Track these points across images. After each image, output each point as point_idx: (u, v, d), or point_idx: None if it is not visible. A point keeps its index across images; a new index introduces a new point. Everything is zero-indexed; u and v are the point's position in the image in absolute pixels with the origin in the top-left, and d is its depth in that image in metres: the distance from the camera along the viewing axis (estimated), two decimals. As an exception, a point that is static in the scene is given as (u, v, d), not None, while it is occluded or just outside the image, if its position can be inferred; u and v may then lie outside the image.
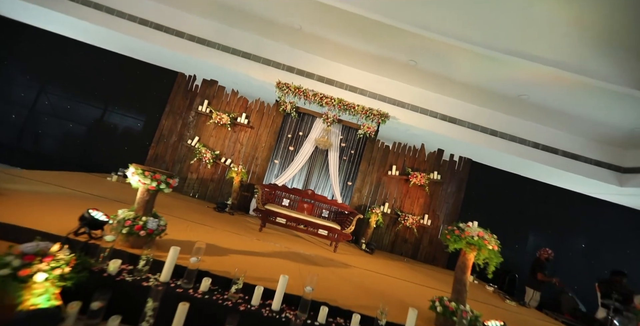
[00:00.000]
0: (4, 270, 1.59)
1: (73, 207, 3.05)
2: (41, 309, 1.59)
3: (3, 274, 1.58)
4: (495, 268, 2.64)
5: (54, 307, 1.64)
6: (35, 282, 1.65)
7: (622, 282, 4.57)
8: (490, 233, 2.73)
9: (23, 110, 5.93)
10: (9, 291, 1.58)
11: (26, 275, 1.63)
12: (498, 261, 2.62)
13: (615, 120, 5.74)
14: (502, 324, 2.50)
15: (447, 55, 5.37)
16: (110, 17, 5.99)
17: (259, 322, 2.11)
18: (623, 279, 4.59)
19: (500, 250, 2.68)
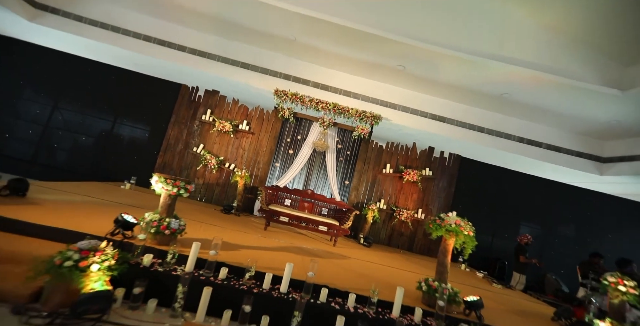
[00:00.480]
0: (68, 262, 2.01)
1: (101, 212, 3.47)
2: (98, 291, 2.01)
3: (68, 265, 2.00)
4: (471, 250, 3.05)
5: (107, 291, 2.06)
6: (91, 271, 2.08)
7: (600, 263, 4.99)
8: (466, 221, 3.13)
9: (39, 126, 6.35)
10: (74, 279, 2.00)
11: (84, 266, 2.05)
12: (473, 245, 3.03)
13: (591, 114, 6.14)
14: (478, 298, 2.92)
15: (432, 60, 5.77)
16: (116, 35, 6.41)
17: (270, 302, 2.52)
18: (600, 260, 5.01)
19: (475, 235, 3.09)
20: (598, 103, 5.69)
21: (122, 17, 6.39)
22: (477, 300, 2.89)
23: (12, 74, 6.33)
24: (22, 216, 2.69)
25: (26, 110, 6.31)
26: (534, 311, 3.81)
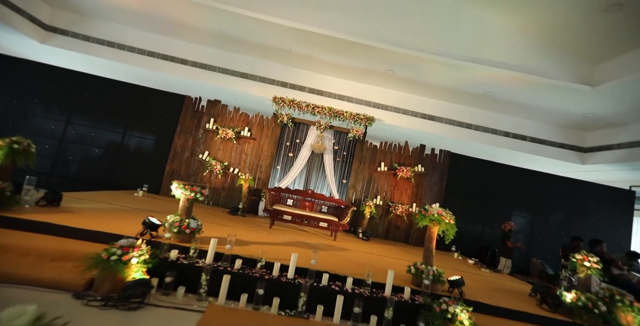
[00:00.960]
0: (113, 257, 2.46)
1: (125, 216, 3.92)
2: (140, 279, 2.47)
3: (114, 259, 2.45)
4: (452, 236, 3.50)
5: (146, 279, 2.51)
6: (131, 264, 2.53)
7: (580, 245, 5.43)
8: (447, 211, 3.58)
9: (55, 141, 6.80)
10: (119, 270, 2.45)
11: (126, 259, 2.51)
12: (453, 231, 3.48)
13: (568, 108, 6.58)
14: (459, 277, 3.36)
15: (418, 65, 6.20)
16: (121, 52, 6.86)
17: (279, 287, 2.97)
18: (580, 243, 5.45)
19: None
20: (572, 98, 6.13)
21: (127, 35, 6.84)
22: (459, 279, 3.34)
23: (26, 93, 6.78)
24: (64, 222, 3.14)
25: (42, 126, 6.76)
26: (515, 290, 4.25)
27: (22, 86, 6.76)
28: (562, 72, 5.79)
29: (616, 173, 7.58)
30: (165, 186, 7.04)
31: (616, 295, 3.37)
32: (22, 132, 6.72)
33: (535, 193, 7.43)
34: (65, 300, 2.31)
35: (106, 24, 6.76)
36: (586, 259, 3.65)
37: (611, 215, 7.23)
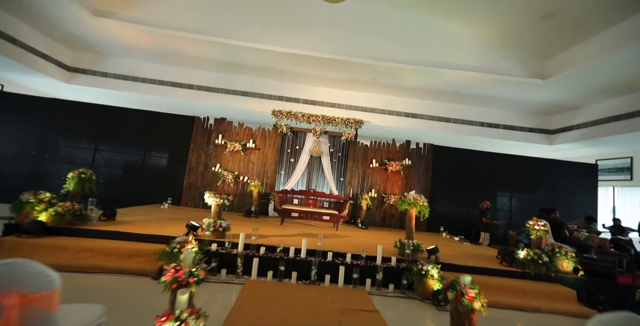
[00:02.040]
0: (175, 250, 3.43)
1: (166, 223, 4.90)
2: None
3: (175, 251, 3.42)
4: (427, 214, 4.46)
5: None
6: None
7: (547, 216, 6.36)
8: (422, 195, 4.53)
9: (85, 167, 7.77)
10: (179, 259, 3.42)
11: (184, 251, 3.47)
12: (427, 211, 4.43)
13: (529, 98, 7.50)
14: (434, 246, 4.32)
15: (396, 73, 7.08)
16: (136, 84, 7.84)
17: (295, 264, 3.93)
18: (546, 214, 6.38)
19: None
20: (530, 90, 7.05)
21: (139, 68, 7.80)
22: (434, 247, 4.29)
23: (57, 128, 7.75)
24: (125, 230, 4.12)
25: (74, 155, 7.74)
26: (486, 255, 5.19)
27: (52, 122, 7.74)
28: (517, 69, 6.71)
29: (581, 150, 8.51)
30: (185, 198, 8.02)
31: (556, 248, 4.32)
32: (56, 162, 7.73)
33: (512, 174, 8.37)
34: (148, 281, 3.30)
35: (121, 60, 7.72)
36: (536, 223, 4.61)
37: (579, 188, 8.16)
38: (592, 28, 5.52)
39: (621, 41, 5.18)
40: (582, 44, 5.94)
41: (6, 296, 1.21)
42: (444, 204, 8.18)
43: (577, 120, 7.78)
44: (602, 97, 6.96)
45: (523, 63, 6.69)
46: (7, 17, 5.89)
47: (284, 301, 3.13)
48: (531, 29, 5.94)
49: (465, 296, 1.95)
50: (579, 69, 5.95)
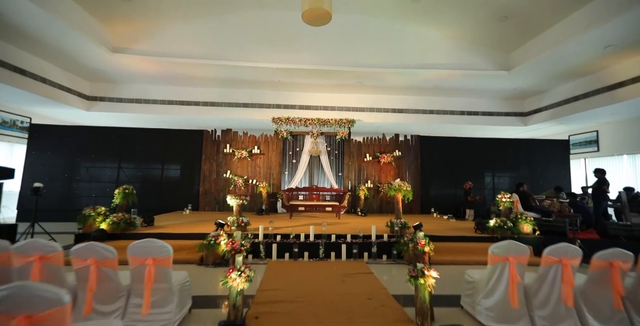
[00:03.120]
0: (211, 242, 4.40)
1: (195, 224, 5.86)
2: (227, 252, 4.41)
3: (211, 243, 4.39)
4: (411, 197, 5.38)
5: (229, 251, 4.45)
6: (221, 245, 4.46)
7: (516, 190, 7.25)
8: (406, 182, 5.45)
9: (112, 184, 8.76)
10: (216, 248, 4.39)
11: (218, 242, 4.44)
12: (410, 194, 5.36)
13: (502, 86, 8.29)
14: (418, 223, 5.24)
15: (379, 76, 7.89)
16: (148, 106, 8.75)
17: (306, 246, 4.88)
18: (516, 188, 7.26)
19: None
20: (499, 80, 7.86)
21: (149, 91, 8.71)
22: (418, 224, 5.21)
23: (83, 151, 8.73)
24: (167, 231, 5.09)
25: (100, 174, 8.73)
26: (467, 227, 6.11)
27: (78, 147, 8.73)
28: (485, 63, 7.53)
29: (553, 128, 9.36)
30: (202, 203, 8.99)
31: (519, 215, 5.24)
32: (86, 181, 8.72)
33: (493, 156, 9.25)
34: (194, 267, 4.28)
35: (133, 85, 8.63)
36: (503, 196, 5.53)
37: (553, 162, 9.04)
38: (545, 23, 6.31)
39: (570, 32, 5.95)
40: (537, 37, 6.74)
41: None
42: (433, 188, 9.09)
43: (545, 102, 8.62)
44: (562, 81, 7.80)
45: (489, 58, 7.51)
46: (37, 59, 6.82)
47: (299, 273, 4.09)
48: (493, 29, 6.74)
49: (419, 244, 2.88)
50: (538, 59, 6.75)
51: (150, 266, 2.19)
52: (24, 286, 1.22)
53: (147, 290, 2.18)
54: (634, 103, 6.72)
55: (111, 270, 2.22)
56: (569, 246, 2.41)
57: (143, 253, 2.25)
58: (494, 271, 2.53)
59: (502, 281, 2.47)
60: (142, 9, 6.04)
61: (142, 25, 6.59)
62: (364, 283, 3.65)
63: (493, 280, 2.51)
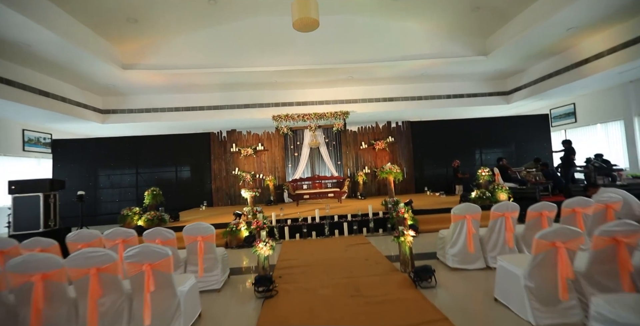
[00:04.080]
0: (233, 228, 5.22)
1: (216, 216, 6.68)
2: (247, 235, 5.23)
3: (233, 229, 5.22)
4: (400, 179, 6.14)
5: (250, 235, 5.28)
6: (242, 230, 5.29)
7: (497, 163, 7.97)
8: (395, 165, 6.21)
9: (132, 188, 9.61)
10: (237, 233, 5.22)
11: (238, 229, 5.27)
12: (400, 176, 6.12)
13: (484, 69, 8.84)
14: (409, 200, 6.03)
15: (368, 69, 8.48)
16: (157, 114, 9.49)
17: (313, 226, 5.70)
18: (496, 162, 7.97)
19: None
20: (479, 64, 8.43)
21: (157, 100, 9.43)
22: (409, 201, 6.00)
23: (103, 160, 9.54)
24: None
25: (121, 181, 9.57)
26: (455, 201, 6.88)
27: (98, 157, 9.53)
28: (464, 50, 8.10)
29: (534, 104, 10.00)
30: (215, 199, 9.81)
31: (497, 186, 6.00)
32: (108, 188, 9.56)
33: (479, 135, 9.94)
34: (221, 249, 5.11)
35: (142, 96, 9.35)
36: (483, 171, 6.28)
37: (535, 136, 9.72)
38: (513, 11, 6.86)
39: (535, 18, 6.49)
40: (508, 23, 7.29)
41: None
42: (426, 169, 9.85)
43: (524, 80, 9.24)
44: (536, 60, 8.39)
45: (468, 45, 8.09)
46: (57, 81, 7.56)
47: (309, 248, 4.92)
48: (468, 19, 7.29)
49: (400, 212, 3.67)
50: (511, 43, 7.33)
51: (201, 242, 3.00)
52: (147, 246, 2.02)
53: (200, 259, 3.00)
54: (600, 77, 7.35)
55: (172, 248, 3.03)
56: (509, 203, 3.19)
57: (194, 232, 3.06)
58: (456, 227, 3.31)
59: (462, 233, 3.25)
60: (147, 27, 6.70)
61: (148, 42, 7.26)
62: (362, 250, 4.47)
63: (456, 234, 3.30)
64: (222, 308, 2.83)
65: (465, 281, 3.02)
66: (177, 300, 2.16)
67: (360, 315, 2.42)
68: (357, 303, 2.64)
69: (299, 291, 3.03)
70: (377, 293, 2.82)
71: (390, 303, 2.58)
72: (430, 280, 2.90)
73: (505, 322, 2.21)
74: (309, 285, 3.18)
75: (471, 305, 2.55)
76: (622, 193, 3.22)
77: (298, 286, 3.15)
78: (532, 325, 2.07)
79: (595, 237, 1.99)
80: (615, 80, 7.69)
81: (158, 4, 5.99)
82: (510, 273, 2.29)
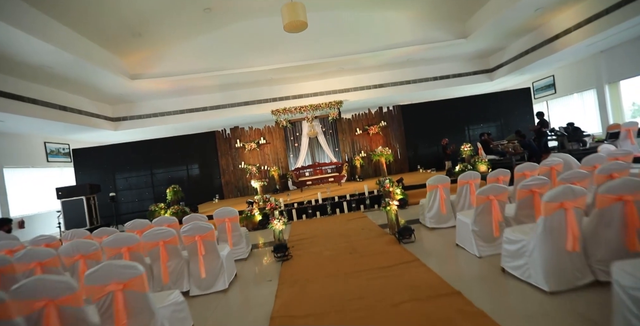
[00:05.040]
0: (249, 214, 6.04)
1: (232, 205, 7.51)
2: (261, 219, 6.05)
3: (249, 215, 6.03)
4: (391, 160, 6.87)
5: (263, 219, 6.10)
6: (255, 215, 6.11)
7: (479, 138, 8.64)
8: (386, 148, 6.92)
9: (149, 188, 10.44)
10: (252, 218, 6.04)
11: (252, 214, 6.08)
12: (390, 157, 6.87)
13: (464, 50, 9.41)
14: (400, 178, 6.77)
15: (356, 60, 9.06)
16: (163, 117, 10.19)
17: (317, 207, 6.50)
18: (479, 137, 8.64)
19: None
20: (460, 46, 8.92)
21: (163, 105, 10.10)
22: (399, 178, 6.74)
23: (120, 165, 10.34)
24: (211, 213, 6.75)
25: (138, 182, 10.39)
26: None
27: (114, 162, 10.33)
28: (445, 34, 8.59)
29: (517, 78, 10.54)
30: (226, 192, 10.63)
31: (477, 159, 6.72)
32: (127, 189, 10.40)
33: (467, 112, 10.56)
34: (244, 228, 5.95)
35: (148, 102, 10.02)
36: (465, 147, 6.99)
37: (518, 109, 10.33)
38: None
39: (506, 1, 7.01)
40: (483, 7, 7.70)
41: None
42: (419, 148, 10.55)
43: (505, 57, 9.75)
44: (514, 39, 8.89)
45: (448, 29, 8.57)
46: (73, 96, 8.27)
47: (315, 225, 5.73)
48: (446, 4, 7.70)
49: (385, 187, 4.43)
50: (487, 25, 7.80)
51: (228, 222, 3.80)
52: (196, 223, 2.79)
53: (229, 235, 3.80)
54: (571, 50, 7.88)
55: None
56: (471, 173, 3.93)
57: (223, 215, 3.86)
58: (431, 195, 4.07)
59: (436, 200, 4.01)
60: (150, 39, 7.31)
61: (152, 52, 7.89)
62: (359, 223, 5.27)
63: (431, 200, 4.07)
64: (251, 270, 3.66)
65: (438, 236, 3.81)
66: (221, 261, 2.97)
67: (355, 264, 3.21)
68: (353, 257, 3.44)
69: (308, 254, 3.84)
70: (368, 249, 3.62)
71: (378, 254, 3.38)
72: (410, 237, 3.69)
73: (460, 258, 3.00)
74: (315, 249, 3.99)
75: (439, 250, 3.35)
76: (564, 156, 3.94)
77: (307, 251, 3.97)
78: (477, 256, 2.86)
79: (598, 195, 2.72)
80: (587, 51, 8.22)
81: (159, 17, 6.59)
82: (464, 223, 3.06)
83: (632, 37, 7.42)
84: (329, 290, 2.64)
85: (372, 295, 2.41)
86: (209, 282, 2.92)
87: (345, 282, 2.75)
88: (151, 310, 1.77)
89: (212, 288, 2.93)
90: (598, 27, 6.78)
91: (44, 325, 1.54)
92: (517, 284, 2.26)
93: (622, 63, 7.92)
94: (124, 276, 1.68)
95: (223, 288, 2.96)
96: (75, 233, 3.73)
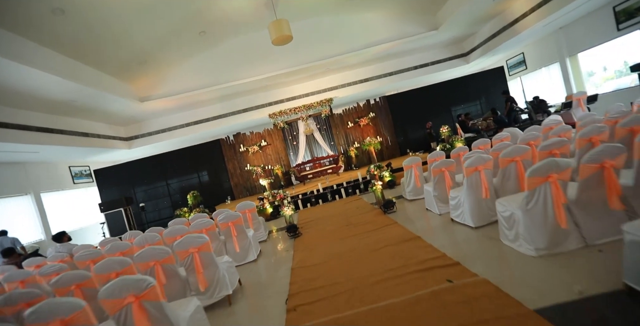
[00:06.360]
0: (261, 207, 7.01)
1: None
2: (273, 211, 7.02)
3: (261, 208, 7.00)
4: (378, 148, 7.77)
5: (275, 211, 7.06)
6: (267, 208, 7.07)
7: (457, 119, 9.49)
8: (374, 138, 7.82)
9: (167, 197, 11.46)
10: (265, 210, 7.01)
11: (264, 207, 7.05)
12: (378, 145, 7.76)
13: (439, 39, 10.19)
14: (388, 162, 7.68)
15: (341, 60, 9.85)
16: (172, 132, 11.14)
17: (319, 196, 7.46)
18: (457, 117, 9.49)
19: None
20: (434, 37, 9.75)
21: (170, 120, 11.03)
22: (388, 163, 7.66)
23: (138, 180, 11.35)
24: (230, 211, 7.74)
25: (156, 193, 11.41)
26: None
27: (133, 177, 11.34)
28: (418, 28, 9.36)
29: (491, 58, 11.32)
30: (236, 193, 11.60)
31: (454, 139, 7.60)
32: (148, 201, 11.43)
33: (448, 95, 11.39)
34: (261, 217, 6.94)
35: (156, 119, 10.96)
36: (444, 129, 7.87)
37: (495, 87, 11.14)
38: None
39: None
40: (449, 1, 8.56)
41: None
42: (408, 133, 11.42)
43: (477, 41, 10.52)
44: (481, 24, 9.67)
45: (420, 23, 9.36)
46: (92, 122, 9.24)
47: (318, 210, 6.68)
48: (415, 1, 8.57)
49: (371, 171, 5.37)
50: (454, 16, 8.57)
51: (248, 213, 4.77)
52: (228, 211, 3.76)
53: (250, 223, 4.77)
54: (531, 32, 8.66)
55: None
56: (438, 152, 4.84)
57: (243, 208, 4.83)
58: (408, 173, 5.00)
59: (412, 176, 4.94)
60: (154, 64, 8.22)
61: (156, 76, 8.81)
62: (355, 203, 6.22)
63: (408, 177, 5.00)
64: (271, 248, 4.63)
65: (415, 206, 4.75)
66: (249, 240, 3.94)
67: (349, 232, 4.17)
68: (349, 228, 4.40)
69: (314, 231, 4.81)
70: (359, 221, 4.58)
71: (367, 223, 4.33)
72: (393, 208, 4.63)
73: (427, 217, 3.95)
74: (320, 227, 4.96)
75: (413, 215, 4.30)
76: (511, 130, 4.83)
77: (313, 229, 4.93)
78: (438, 214, 3.80)
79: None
80: (545, 30, 9.00)
81: (160, 45, 7.48)
82: (427, 191, 3.99)
83: (586, 12, 8.20)
84: (330, 249, 3.61)
85: (360, 247, 3.37)
86: (242, 256, 3.90)
87: (341, 243, 3.72)
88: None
89: (246, 259, 3.92)
90: (550, 9, 7.57)
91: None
92: (459, 227, 3.21)
93: (579, 36, 8.70)
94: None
95: (253, 259, 3.94)
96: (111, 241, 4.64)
